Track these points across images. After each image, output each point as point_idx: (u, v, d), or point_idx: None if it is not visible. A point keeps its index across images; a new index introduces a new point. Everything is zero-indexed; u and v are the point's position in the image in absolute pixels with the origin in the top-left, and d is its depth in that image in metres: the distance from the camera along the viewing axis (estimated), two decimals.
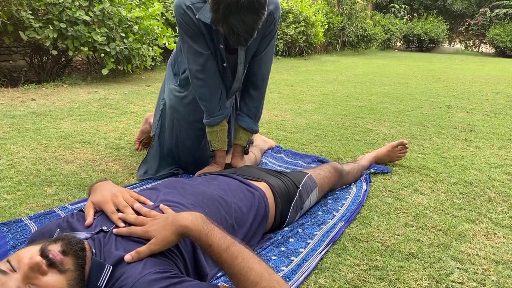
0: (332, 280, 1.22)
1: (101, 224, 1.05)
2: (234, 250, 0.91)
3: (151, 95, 4.17)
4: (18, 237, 1.35)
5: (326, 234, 1.47)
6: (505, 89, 5.77)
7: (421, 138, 2.91)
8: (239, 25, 1.41)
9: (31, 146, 2.34)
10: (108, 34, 4.31)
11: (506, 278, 1.27)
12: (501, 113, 3.97)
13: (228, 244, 0.92)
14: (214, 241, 0.92)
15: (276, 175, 1.59)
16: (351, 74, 7.08)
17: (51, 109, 3.28)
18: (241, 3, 1.37)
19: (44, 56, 4.58)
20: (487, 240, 1.50)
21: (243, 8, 1.38)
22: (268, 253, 1.34)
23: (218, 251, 0.92)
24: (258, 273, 0.88)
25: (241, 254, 0.91)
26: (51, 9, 3.98)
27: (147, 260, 0.92)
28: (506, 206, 1.80)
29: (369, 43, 14.71)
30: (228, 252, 0.91)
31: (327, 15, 12.16)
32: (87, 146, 2.39)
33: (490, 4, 19.34)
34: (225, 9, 1.39)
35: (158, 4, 5.26)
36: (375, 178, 2.08)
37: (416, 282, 1.22)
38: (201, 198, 1.23)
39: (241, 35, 1.44)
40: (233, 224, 1.24)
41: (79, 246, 0.91)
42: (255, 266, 0.89)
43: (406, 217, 1.66)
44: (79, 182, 1.87)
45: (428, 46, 17.91)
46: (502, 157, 2.53)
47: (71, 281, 0.86)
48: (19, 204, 1.62)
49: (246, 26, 1.42)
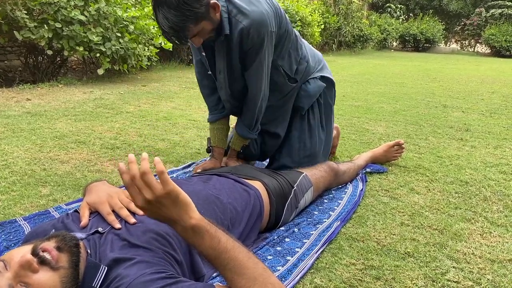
0: (328, 279, 1.22)
1: (96, 225, 1.04)
2: (228, 255, 0.88)
3: (147, 95, 4.16)
4: (11, 238, 1.34)
5: (322, 234, 1.46)
6: (500, 88, 5.79)
7: (417, 138, 2.91)
8: (164, 21, 1.44)
9: (25, 146, 2.32)
10: (103, 34, 4.29)
11: (502, 277, 1.27)
12: (497, 112, 3.99)
13: (225, 247, 0.88)
14: (223, 239, 0.89)
15: (271, 174, 1.59)
16: (347, 74, 7.09)
17: (46, 109, 3.26)
18: None
19: (39, 56, 4.55)
20: (483, 239, 1.50)
21: (162, 4, 1.41)
22: (264, 252, 1.33)
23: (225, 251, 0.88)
24: (250, 278, 0.85)
25: (232, 261, 0.87)
26: (46, 8, 3.96)
27: (143, 260, 0.92)
28: (502, 205, 1.81)
29: (365, 43, 14.73)
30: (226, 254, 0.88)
31: (323, 15, 12.17)
32: (82, 146, 2.38)
33: (486, 4, 19.41)
34: (154, 5, 1.45)
35: None
36: (371, 178, 2.08)
37: (412, 281, 1.22)
38: (196, 198, 1.22)
39: (167, 31, 1.47)
40: (228, 225, 1.23)
41: (74, 242, 0.91)
42: (247, 271, 0.87)
43: (402, 217, 1.66)
44: (74, 183, 1.86)
45: (424, 46, 17.96)
46: (498, 156, 2.53)
47: (64, 279, 0.86)
48: (13, 204, 1.61)
49: (169, 22, 1.43)
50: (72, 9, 4.05)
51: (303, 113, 1.93)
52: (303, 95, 1.90)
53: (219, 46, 1.65)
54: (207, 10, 1.48)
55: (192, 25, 1.47)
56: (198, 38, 1.55)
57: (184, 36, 1.48)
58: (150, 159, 2.20)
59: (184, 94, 4.36)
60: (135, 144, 2.47)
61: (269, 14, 1.59)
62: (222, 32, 1.58)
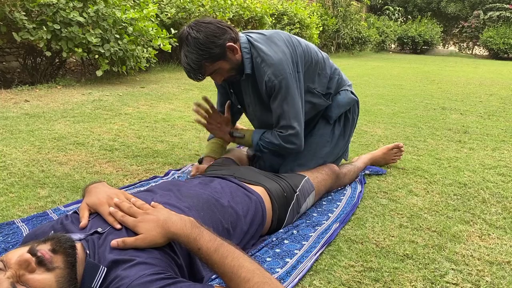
0: (327, 281, 1.22)
1: (96, 226, 1.04)
2: (224, 251, 0.94)
3: (146, 96, 4.16)
4: (9, 239, 1.34)
5: (321, 236, 1.46)
6: (498, 91, 5.81)
7: (415, 140, 2.92)
8: (184, 58, 1.61)
9: (24, 147, 2.32)
10: (102, 36, 4.29)
11: (500, 279, 1.27)
12: (495, 114, 4.00)
13: (217, 245, 0.95)
14: (203, 244, 0.95)
15: (274, 178, 1.58)
16: (345, 76, 7.09)
17: (44, 110, 3.26)
18: (182, 38, 1.59)
19: (38, 57, 4.55)
20: (481, 241, 1.50)
21: (182, 43, 1.60)
22: (263, 254, 1.33)
23: (208, 253, 0.94)
24: (249, 270, 0.90)
25: (231, 254, 0.93)
26: (45, 10, 3.96)
27: (142, 262, 0.92)
28: (500, 207, 1.81)
29: (363, 45, 14.77)
30: (217, 253, 0.93)
31: (322, 17, 12.20)
32: (81, 148, 2.37)
33: (484, 7, 19.50)
34: (178, 43, 1.63)
35: (153, 5, 5.24)
36: (369, 180, 2.08)
37: (411, 283, 1.22)
38: (197, 201, 1.22)
39: (186, 67, 1.63)
40: (228, 229, 1.23)
41: (69, 244, 0.91)
42: (246, 264, 0.91)
43: (400, 219, 1.66)
44: (72, 184, 1.85)
45: (422, 48, 18.02)
46: (496, 158, 2.54)
47: (60, 279, 0.86)
48: (11, 206, 1.61)
49: (188, 59, 1.60)
50: (70, 11, 4.04)
51: (330, 122, 1.95)
52: (333, 105, 1.94)
53: (245, 84, 1.78)
54: (223, 51, 1.60)
55: (208, 64, 1.60)
56: (218, 76, 1.69)
57: (200, 73, 1.62)
58: (146, 166, 2.21)
59: (183, 95, 4.36)
60: (134, 145, 2.47)
61: (287, 57, 1.67)
62: (244, 72, 1.70)
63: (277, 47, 1.67)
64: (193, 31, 1.56)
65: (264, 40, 1.70)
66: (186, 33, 1.57)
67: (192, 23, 1.60)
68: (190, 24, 1.60)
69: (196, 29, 1.56)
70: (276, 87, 1.65)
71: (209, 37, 1.56)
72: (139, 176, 2.01)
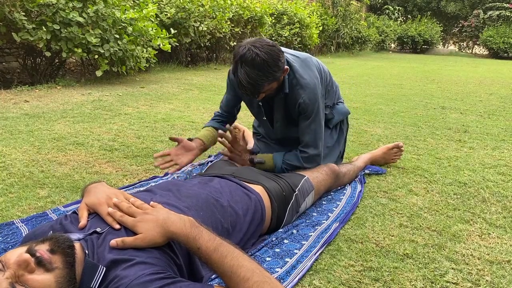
0: (327, 281, 1.22)
1: (95, 226, 1.04)
2: (223, 250, 0.94)
3: (145, 96, 4.16)
4: (9, 240, 1.34)
5: (320, 235, 1.46)
6: (498, 90, 5.81)
7: (415, 139, 2.92)
8: (244, 76, 1.58)
9: (23, 148, 2.32)
10: (102, 36, 4.29)
11: (500, 278, 1.27)
12: (495, 114, 4.00)
13: (217, 245, 0.95)
14: (202, 244, 0.95)
15: (273, 178, 1.58)
16: (345, 75, 7.10)
17: (44, 111, 3.26)
18: (246, 57, 1.56)
19: (38, 57, 4.55)
20: (482, 241, 1.50)
21: (247, 63, 1.56)
22: (263, 254, 1.33)
23: (207, 253, 0.94)
24: (249, 269, 0.90)
25: (230, 253, 0.93)
26: (45, 10, 3.96)
27: (142, 261, 0.92)
28: (500, 207, 1.81)
29: (363, 45, 14.78)
30: (217, 253, 0.93)
31: (322, 16, 12.21)
32: (81, 148, 2.37)
33: (484, 6, 19.50)
34: (237, 60, 1.59)
35: (153, 5, 5.24)
36: (369, 179, 2.08)
37: (410, 283, 1.22)
38: (196, 201, 1.22)
39: (245, 86, 1.61)
40: (228, 228, 1.23)
41: (67, 244, 0.91)
42: (245, 263, 0.92)
43: (400, 218, 1.66)
44: (72, 184, 1.85)
45: (422, 48, 18.02)
46: (496, 157, 2.54)
47: (59, 279, 0.86)
48: (11, 206, 1.61)
49: (249, 79, 1.58)
50: (70, 11, 4.04)
51: (330, 127, 2.03)
52: (333, 112, 2.04)
53: (278, 100, 1.82)
54: (282, 74, 1.67)
55: (267, 84, 1.64)
56: (264, 93, 1.72)
57: (257, 91, 1.65)
58: (146, 166, 2.20)
59: (183, 95, 4.36)
60: (133, 145, 2.47)
61: (319, 82, 1.81)
62: (283, 91, 1.76)
63: (312, 72, 1.80)
64: (262, 52, 1.55)
65: (299, 63, 1.80)
66: (254, 54, 1.54)
67: (256, 43, 1.58)
68: (254, 44, 1.57)
69: (264, 51, 1.56)
70: (309, 109, 1.77)
71: (276, 60, 1.59)
72: (139, 176, 2.01)
